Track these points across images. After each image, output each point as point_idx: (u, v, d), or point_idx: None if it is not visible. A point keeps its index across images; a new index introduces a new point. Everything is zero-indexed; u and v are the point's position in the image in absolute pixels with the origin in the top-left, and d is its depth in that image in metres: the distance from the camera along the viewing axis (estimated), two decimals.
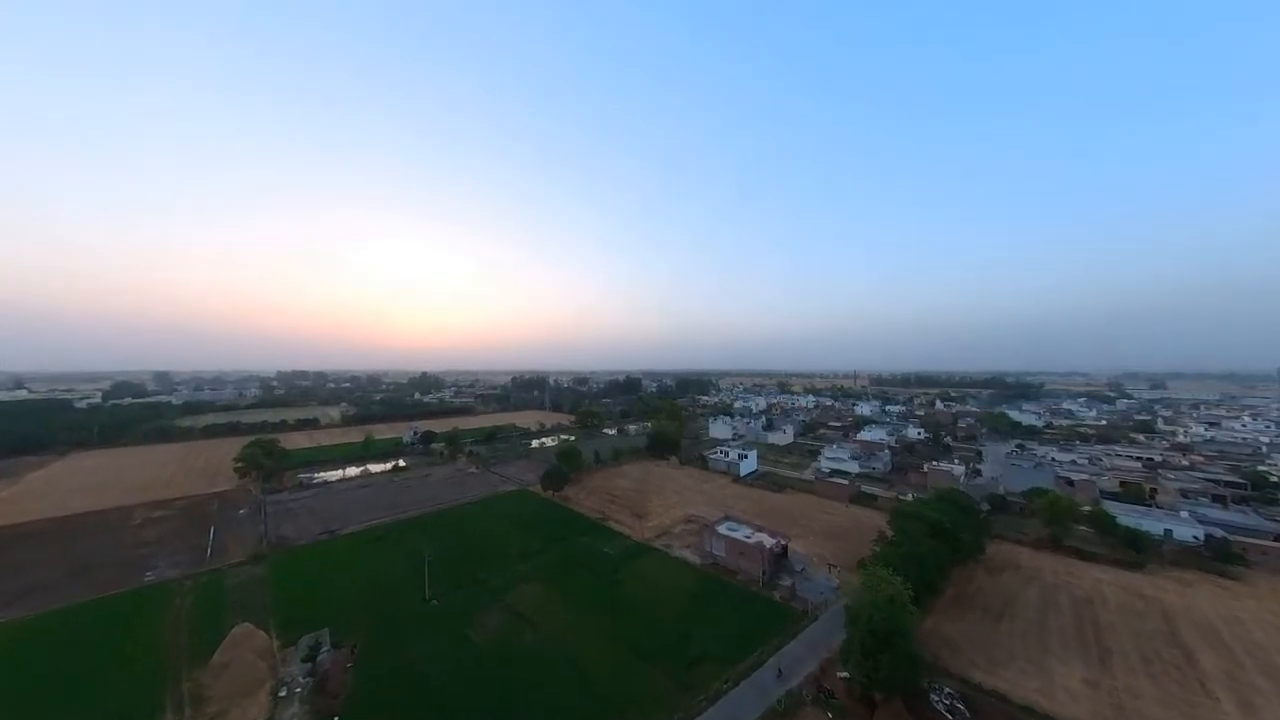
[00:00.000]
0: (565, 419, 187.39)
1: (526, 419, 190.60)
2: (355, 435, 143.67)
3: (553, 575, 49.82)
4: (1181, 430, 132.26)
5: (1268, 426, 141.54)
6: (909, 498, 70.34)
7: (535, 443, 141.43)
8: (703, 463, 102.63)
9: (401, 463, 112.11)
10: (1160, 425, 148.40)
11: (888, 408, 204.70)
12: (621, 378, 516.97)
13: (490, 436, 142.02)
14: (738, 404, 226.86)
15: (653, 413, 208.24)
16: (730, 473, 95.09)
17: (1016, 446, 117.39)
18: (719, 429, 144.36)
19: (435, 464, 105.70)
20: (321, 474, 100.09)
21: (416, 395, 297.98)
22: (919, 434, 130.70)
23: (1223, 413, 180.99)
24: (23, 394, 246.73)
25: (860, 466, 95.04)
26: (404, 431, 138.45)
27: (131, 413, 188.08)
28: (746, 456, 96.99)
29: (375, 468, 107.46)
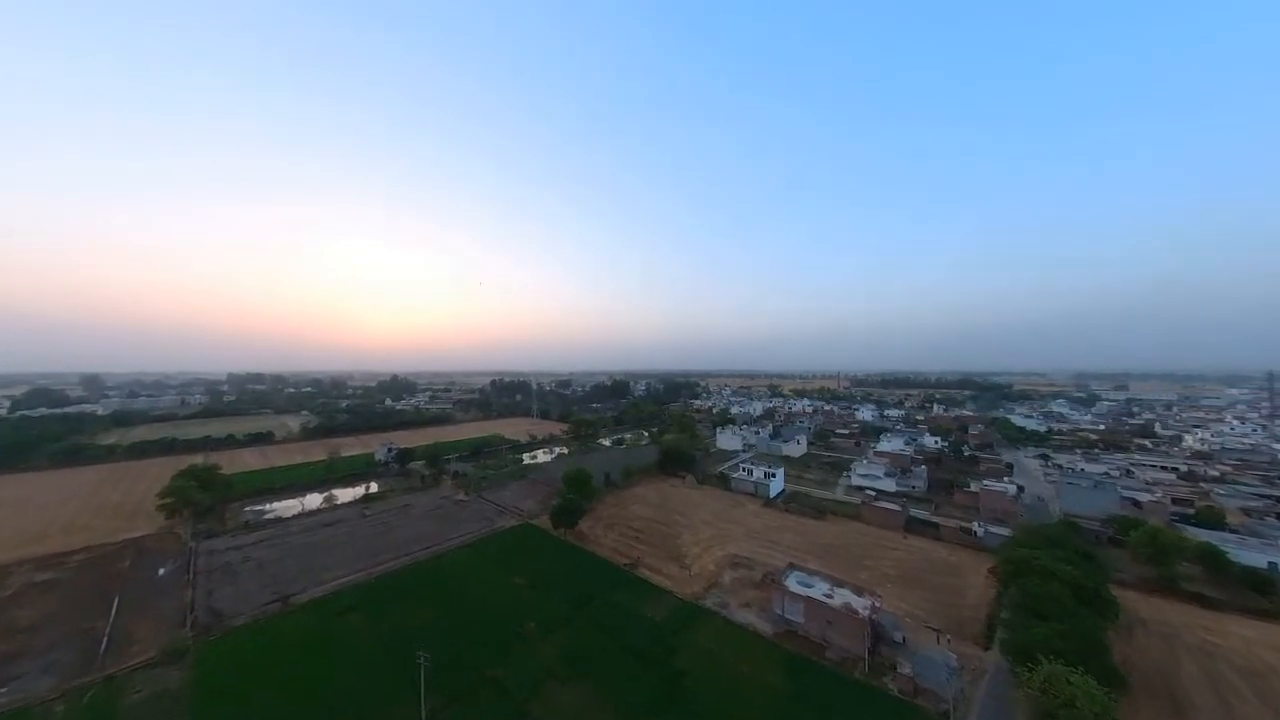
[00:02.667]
0: (556, 428, 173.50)
1: (513, 428, 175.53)
2: (318, 452, 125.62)
3: (590, 663, 37.72)
4: (1190, 436, 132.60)
5: (1255, 429, 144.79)
6: (981, 529, 62.02)
7: (528, 457, 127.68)
8: (724, 482, 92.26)
9: (374, 487, 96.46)
10: (1159, 430, 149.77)
11: (887, 412, 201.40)
12: (604, 379, 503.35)
13: (476, 452, 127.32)
14: (734, 409, 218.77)
15: (648, 420, 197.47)
16: (759, 494, 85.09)
17: (1039, 456, 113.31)
18: (727, 440, 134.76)
19: (415, 489, 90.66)
20: (275, 505, 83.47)
21: (387, 401, 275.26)
22: (936, 443, 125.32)
23: (1201, 414, 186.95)
24: None
25: (898, 484, 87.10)
26: (376, 447, 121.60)
27: (43, 427, 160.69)
28: (775, 475, 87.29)
29: (343, 495, 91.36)
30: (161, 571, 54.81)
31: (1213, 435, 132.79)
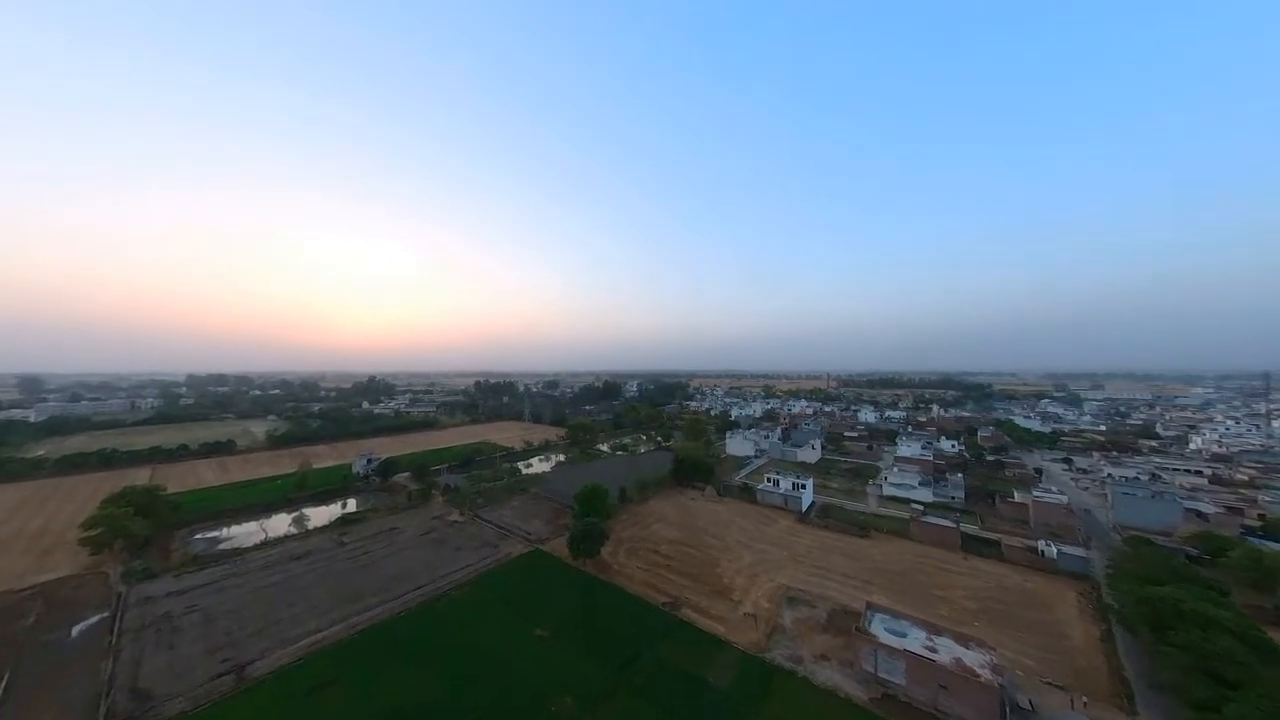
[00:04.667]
0: (551, 433, 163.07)
1: (504, 434, 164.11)
2: (286, 463, 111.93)
3: None
4: (1199, 438, 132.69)
5: (1250, 429, 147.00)
6: (1051, 549, 55.86)
7: (524, 466, 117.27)
8: (748, 495, 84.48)
9: (352, 505, 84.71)
10: (1160, 430, 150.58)
11: (888, 414, 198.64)
12: (591, 380, 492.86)
13: (467, 461, 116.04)
14: (734, 412, 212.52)
15: (647, 423, 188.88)
16: (789, 508, 77.65)
17: (1062, 461, 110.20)
18: (737, 445, 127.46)
19: (401, 508, 79.47)
20: (233, 531, 71.09)
21: (364, 404, 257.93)
22: (953, 447, 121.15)
23: (1187, 414, 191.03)
24: None
25: (934, 494, 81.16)
26: (353, 458, 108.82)
27: None
28: (804, 487, 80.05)
29: (315, 515, 79.42)
30: (75, 631, 42.92)
31: (1220, 436, 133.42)
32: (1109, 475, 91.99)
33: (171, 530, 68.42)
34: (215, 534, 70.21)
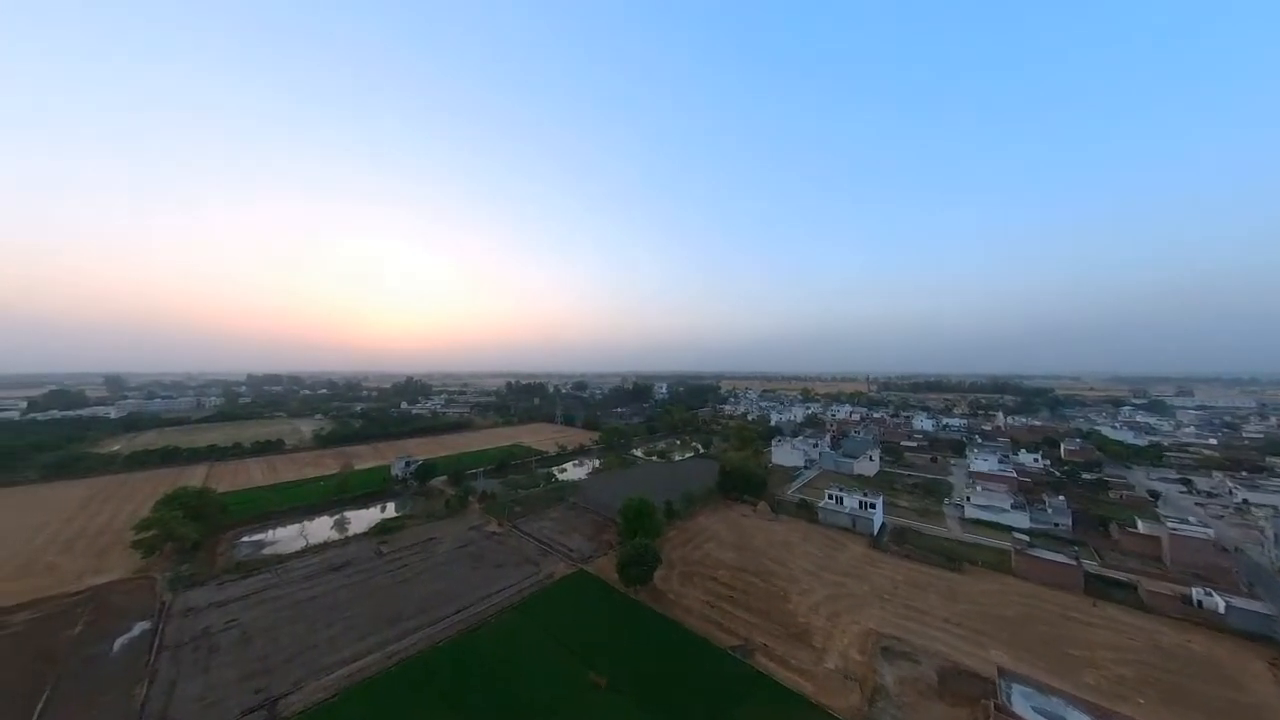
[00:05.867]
0: (583, 436, 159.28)
1: (536, 436, 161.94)
2: (330, 463, 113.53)
3: None
4: None
5: None
6: (1217, 601, 44.95)
7: (559, 471, 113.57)
8: (806, 512, 76.27)
9: (391, 509, 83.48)
10: None
11: (946, 422, 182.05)
12: (618, 381, 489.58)
13: (501, 465, 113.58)
14: (773, 416, 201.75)
15: (681, 428, 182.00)
16: (857, 530, 69.01)
17: (1179, 482, 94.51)
18: (784, 454, 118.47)
19: (438, 516, 76.88)
20: (276, 535, 70.79)
21: (403, 405, 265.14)
22: (1035, 462, 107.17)
23: None
24: None
25: (1032, 520, 70.06)
26: (392, 459, 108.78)
27: (46, 431, 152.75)
28: (874, 506, 71.14)
29: (355, 518, 78.47)
30: (117, 645, 41.40)
31: None
32: (1209, 495, 76.64)
33: (219, 533, 68.50)
34: (260, 537, 69.95)
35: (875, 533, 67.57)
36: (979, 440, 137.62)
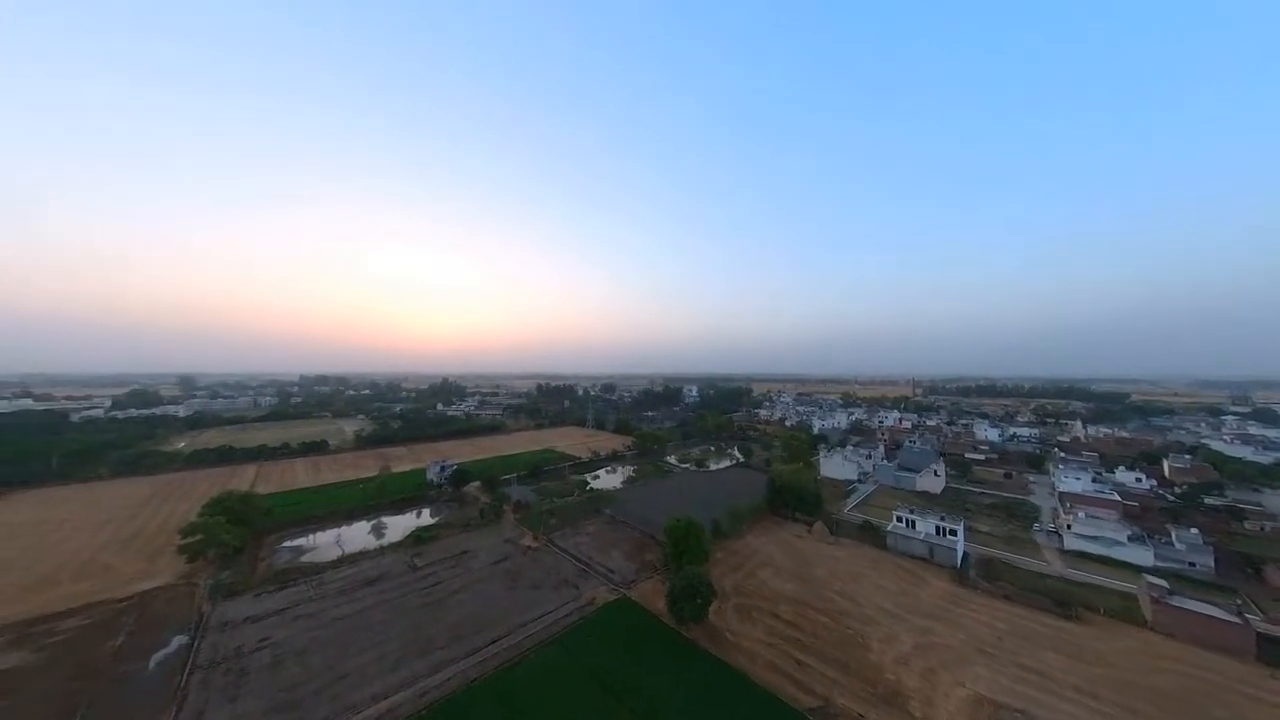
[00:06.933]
0: (615, 441, 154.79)
1: (568, 440, 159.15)
2: (369, 464, 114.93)
3: None
4: None
5: None
6: None
7: (591, 478, 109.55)
8: (870, 535, 67.85)
9: (426, 516, 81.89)
10: None
11: (1016, 432, 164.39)
12: (649, 383, 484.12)
13: (535, 471, 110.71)
14: (815, 423, 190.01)
15: (715, 433, 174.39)
16: (937, 561, 60.11)
17: None
18: (836, 466, 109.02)
19: (472, 524, 74.23)
20: (315, 540, 70.20)
21: (439, 406, 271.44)
22: (1138, 481, 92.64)
23: None
24: (27, 403, 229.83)
25: (1157, 556, 58.63)
26: (428, 462, 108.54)
27: (126, 428, 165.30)
28: (955, 532, 61.98)
29: (391, 525, 77.17)
30: (153, 662, 40.03)
31: None
32: None
33: (262, 537, 68.55)
34: (300, 542, 69.46)
35: (959, 564, 58.52)
36: (1059, 454, 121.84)
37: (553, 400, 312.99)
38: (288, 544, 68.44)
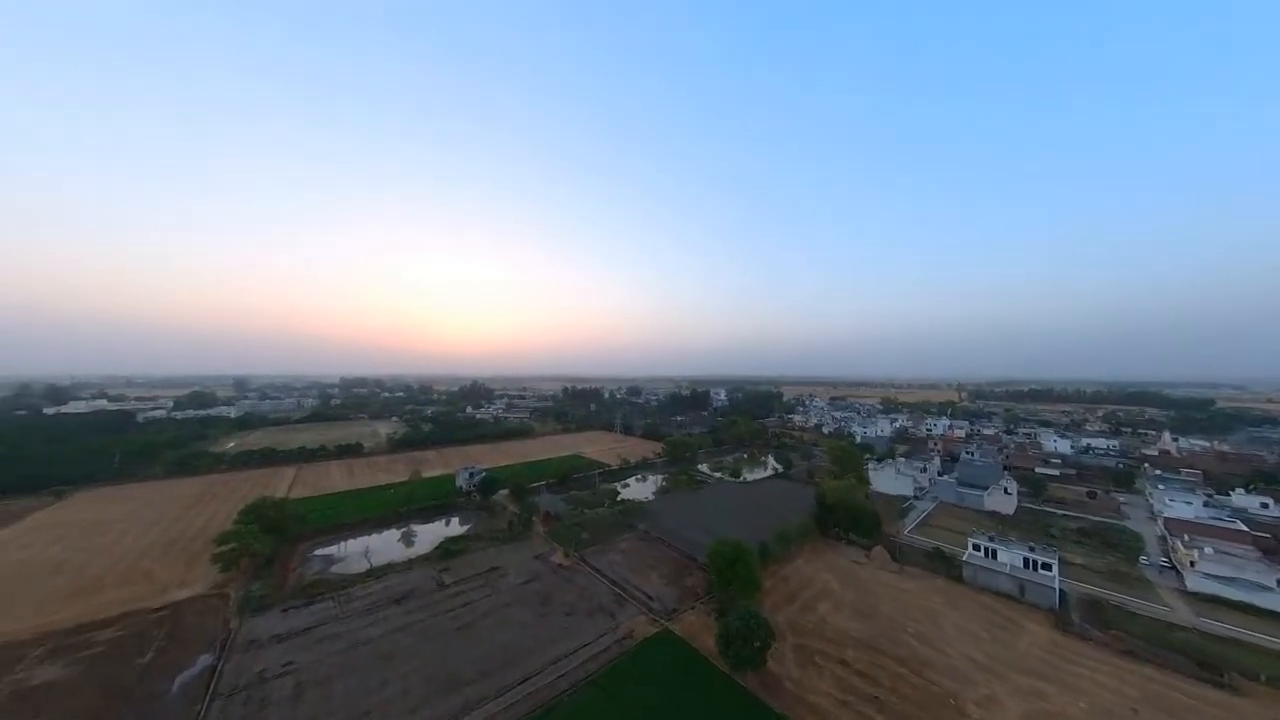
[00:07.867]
0: (644, 447, 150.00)
1: (596, 446, 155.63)
2: (401, 468, 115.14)
3: None
4: None
5: None
6: None
7: (621, 486, 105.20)
8: (943, 565, 59.63)
9: (455, 525, 79.85)
10: None
11: (1089, 443, 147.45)
12: (675, 386, 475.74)
13: (564, 479, 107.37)
14: (858, 430, 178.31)
15: (748, 440, 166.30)
16: (1028, 600, 51.53)
17: None
18: (888, 480, 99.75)
19: (501, 537, 71.11)
20: (345, 548, 69.05)
21: (468, 409, 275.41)
22: (1268, 507, 78.82)
23: None
24: (101, 404, 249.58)
25: None
26: (457, 467, 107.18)
27: (183, 428, 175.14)
28: (1050, 566, 53.09)
29: (420, 534, 75.45)
30: (178, 683, 38.25)
31: None
32: None
33: (294, 544, 67.90)
34: (330, 550, 68.43)
35: (1057, 605, 49.78)
36: (1152, 470, 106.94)
37: (579, 403, 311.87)
38: (319, 552, 67.43)
